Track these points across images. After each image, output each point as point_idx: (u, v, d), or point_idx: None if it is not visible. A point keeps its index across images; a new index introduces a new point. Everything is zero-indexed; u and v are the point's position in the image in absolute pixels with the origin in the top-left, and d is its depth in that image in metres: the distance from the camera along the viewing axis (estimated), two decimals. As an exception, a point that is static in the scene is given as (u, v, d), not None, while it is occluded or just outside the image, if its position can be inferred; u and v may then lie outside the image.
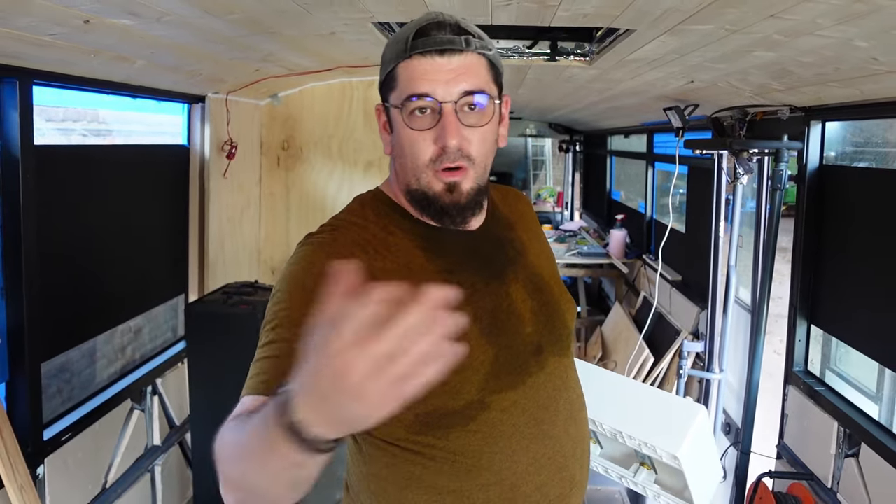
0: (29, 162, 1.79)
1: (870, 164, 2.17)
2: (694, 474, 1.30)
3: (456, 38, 0.91)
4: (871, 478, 1.75)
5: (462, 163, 0.93)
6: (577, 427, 1.04)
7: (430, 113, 0.92)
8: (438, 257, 0.98)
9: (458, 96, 0.91)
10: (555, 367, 1.02)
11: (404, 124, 0.93)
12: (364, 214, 1.00)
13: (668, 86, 2.34)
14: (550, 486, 0.98)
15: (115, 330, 2.45)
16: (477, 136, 0.93)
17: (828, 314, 2.10)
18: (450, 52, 0.91)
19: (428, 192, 0.95)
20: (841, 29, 1.21)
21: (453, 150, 0.91)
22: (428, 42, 0.90)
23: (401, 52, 0.92)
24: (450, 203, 0.95)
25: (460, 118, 0.92)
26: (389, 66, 0.94)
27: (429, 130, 0.92)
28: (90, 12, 1.39)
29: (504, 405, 0.95)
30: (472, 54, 0.92)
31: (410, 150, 0.94)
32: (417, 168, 0.94)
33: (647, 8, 1.31)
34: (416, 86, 0.91)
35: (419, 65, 0.91)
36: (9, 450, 1.65)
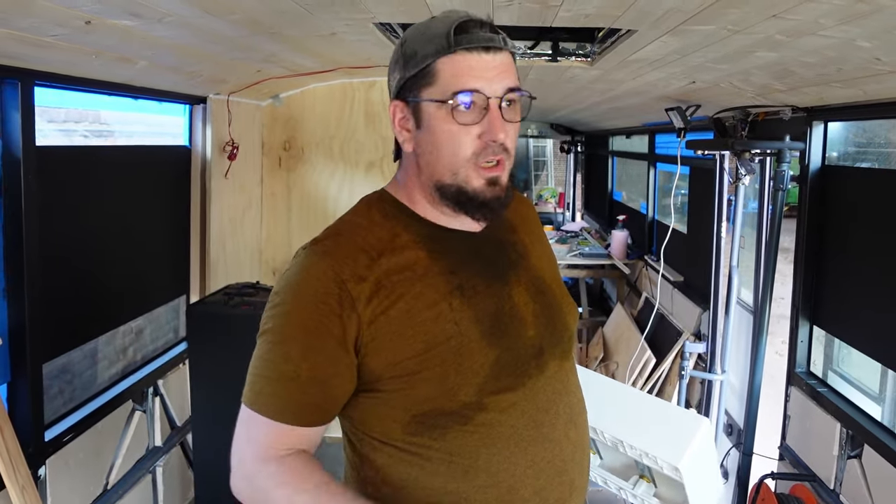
0: (30, 163, 1.79)
1: (872, 165, 2.16)
2: (694, 487, 1.28)
3: (495, 36, 0.93)
4: (874, 479, 1.74)
5: (502, 156, 0.95)
6: (577, 431, 1.04)
7: (474, 108, 0.92)
8: (442, 258, 0.98)
9: (503, 92, 0.92)
10: (556, 370, 1.02)
11: (447, 118, 0.93)
12: (370, 216, 1.00)
13: (669, 86, 2.33)
14: (549, 490, 0.97)
15: (117, 331, 2.45)
16: (513, 130, 0.96)
17: (830, 315, 2.10)
18: (494, 50, 0.92)
19: (466, 186, 0.95)
20: (843, 29, 1.21)
21: (499, 144, 0.93)
22: (473, 38, 0.91)
23: (442, 47, 0.92)
24: (492, 197, 0.96)
25: (503, 113, 0.93)
26: (426, 60, 0.93)
27: (470, 126, 0.93)
28: (91, 13, 1.39)
29: (502, 406, 0.95)
30: (507, 53, 0.95)
31: (450, 145, 0.94)
32: (456, 163, 0.94)
33: (649, 8, 1.31)
34: (465, 81, 0.91)
35: (465, 60, 0.91)
36: (10, 450, 1.65)
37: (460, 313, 0.94)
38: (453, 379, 0.92)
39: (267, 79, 2.70)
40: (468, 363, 0.92)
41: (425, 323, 0.92)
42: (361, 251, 0.95)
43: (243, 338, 2.46)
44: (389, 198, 1.03)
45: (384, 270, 0.94)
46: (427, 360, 0.91)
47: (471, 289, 0.97)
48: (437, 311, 0.93)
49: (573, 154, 7.61)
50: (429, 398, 0.92)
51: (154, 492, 2.56)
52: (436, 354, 0.91)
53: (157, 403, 2.57)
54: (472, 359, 0.93)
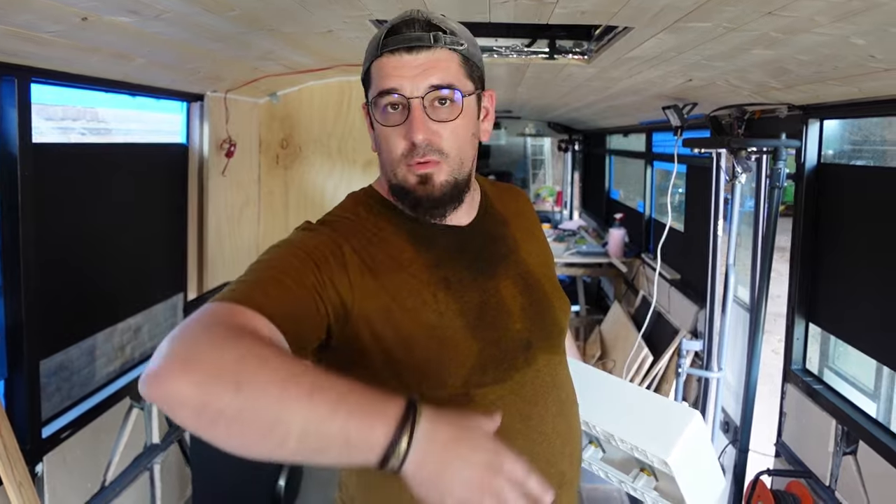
0: (27, 160, 1.79)
1: (867, 163, 2.17)
2: (687, 481, 1.26)
3: (424, 34, 0.93)
4: (869, 476, 1.75)
5: (433, 157, 0.94)
6: (566, 424, 1.04)
7: (400, 109, 0.93)
8: (427, 251, 0.98)
9: (424, 91, 0.92)
10: (544, 364, 1.03)
11: (378, 121, 0.95)
12: (356, 211, 1.01)
13: (666, 84, 2.34)
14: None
15: (115, 328, 2.45)
16: (447, 130, 0.94)
17: (826, 312, 2.11)
18: (417, 49, 0.92)
19: (404, 184, 0.96)
20: (838, 26, 1.21)
21: (421, 144, 0.93)
22: (397, 40, 0.92)
23: (373, 50, 0.95)
24: (423, 195, 0.96)
25: (429, 113, 0.93)
26: (365, 65, 0.97)
27: (400, 126, 0.93)
28: (88, 10, 1.39)
29: (490, 399, 0.95)
30: (441, 50, 0.94)
31: (385, 146, 0.96)
32: (392, 162, 0.96)
33: (645, 5, 1.31)
34: (384, 82, 0.93)
35: (388, 62, 0.93)
36: (7, 447, 1.65)
37: (444, 305, 0.95)
38: (436, 370, 0.92)
39: (264, 76, 2.70)
40: (451, 354, 0.93)
41: (409, 311, 0.93)
42: (352, 235, 0.96)
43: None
44: (375, 194, 1.04)
45: (372, 256, 0.95)
46: (410, 348, 0.92)
47: (457, 282, 0.98)
48: (421, 300, 0.94)
49: (571, 153, 7.62)
50: (415, 387, 0.92)
51: (151, 489, 2.56)
52: (418, 343, 0.92)
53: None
54: (456, 350, 0.93)
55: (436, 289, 0.96)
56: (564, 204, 8.04)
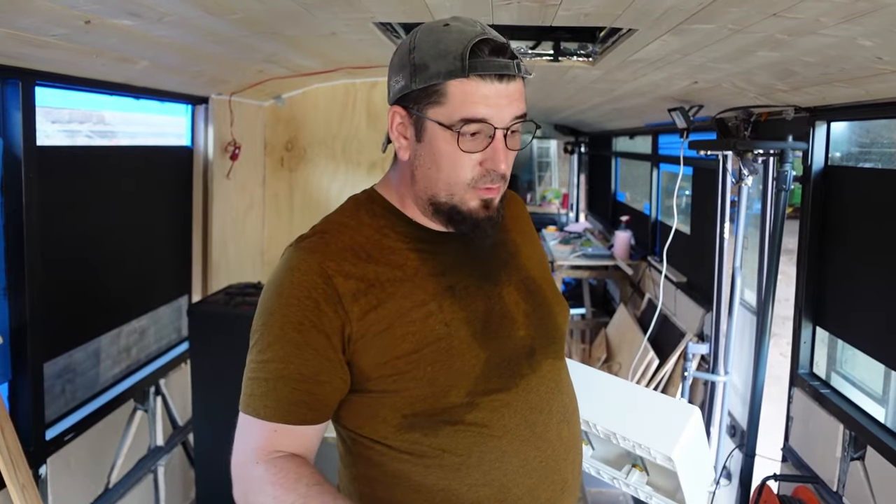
0: (32, 162, 1.79)
1: (875, 165, 2.14)
2: (687, 476, 1.30)
3: (511, 63, 0.90)
4: (877, 481, 1.73)
5: (500, 184, 0.95)
6: (570, 430, 1.04)
7: (479, 136, 0.91)
8: (432, 259, 0.98)
9: (510, 123, 0.92)
10: (548, 369, 1.02)
11: (451, 142, 0.91)
12: (358, 216, 1.00)
13: (672, 86, 2.33)
14: (541, 490, 0.97)
15: (120, 330, 2.46)
16: (512, 157, 0.96)
17: (833, 316, 2.09)
18: (508, 78, 0.90)
19: (461, 207, 0.95)
20: (844, 28, 1.20)
21: (500, 174, 0.93)
22: (488, 65, 0.88)
23: (456, 69, 0.88)
24: (485, 218, 0.96)
25: (507, 142, 0.93)
26: (437, 79, 0.89)
27: (476, 153, 0.92)
28: (91, 13, 1.39)
29: (494, 406, 0.95)
30: (520, 80, 0.93)
31: (450, 167, 0.93)
32: (454, 185, 0.94)
33: (649, 7, 1.30)
34: (476, 109, 0.89)
35: (477, 89, 0.89)
36: (11, 449, 1.65)
37: (451, 314, 0.94)
38: (443, 380, 0.91)
39: (269, 79, 2.70)
40: (458, 364, 0.92)
41: (415, 323, 0.92)
42: (349, 250, 0.94)
43: (244, 338, 2.47)
44: (379, 198, 1.02)
45: (373, 269, 0.93)
46: (417, 360, 0.91)
47: (462, 290, 0.97)
48: (427, 311, 0.93)
49: (577, 155, 7.60)
50: (419, 399, 0.91)
51: (155, 491, 2.56)
52: (426, 355, 0.91)
53: (158, 403, 2.57)
54: (463, 360, 0.93)
55: (441, 298, 0.95)
56: (570, 206, 8.04)
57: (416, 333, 0.92)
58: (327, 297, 0.90)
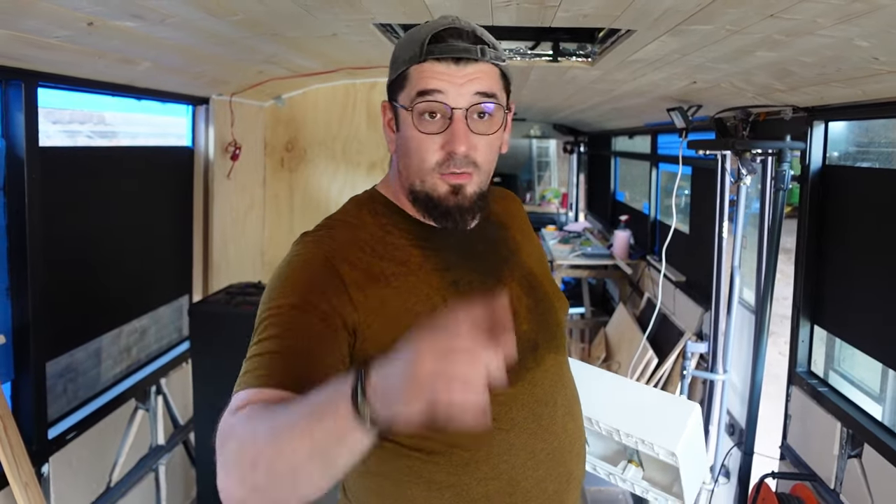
0: (34, 163, 1.81)
1: (873, 165, 2.16)
2: (687, 470, 1.33)
3: (472, 46, 0.91)
4: (874, 479, 1.74)
5: (468, 169, 0.94)
6: (574, 422, 1.05)
7: (440, 118, 0.92)
8: (435, 255, 0.99)
9: (469, 102, 0.91)
10: (551, 363, 1.04)
11: (413, 126, 0.93)
12: (360, 215, 1.01)
13: (670, 86, 2.34)
14: (549, 482, 0.99)
15: (121, 330, 2.47)
16: (484, 142, 0.94)
17: (831, 315, 2.10)
18: (465, 61, 0.91)
19: (432, 193, 0.95)
20: (841, 28, 1.21)
21: (461, 156, 0.92)
22: (444, 48, 0.90)
23: (415, 55, 0.92)
24: (454, 206, 0.95)
25: (470, 125, 0.92)
26: (402, 67, 0.94)
27: (438, 135, 0.92)
28: (94, 15, 1.41)
29: (501, 400, 0.95)
30: (486, 64, 0.93)
31: (417, 153, 0.94)
32: (423, 170, 0.94)
33: (647, 8, 1.31)
34: (426, 83, 0.91)
35: (432, 67, 0.91)
36: (13, 448, 1.66)
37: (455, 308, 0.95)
38: None
39: (269, 80, 2.71)
40: None
41: (419, 316, 0.93)
42: (354, 244, 0.95)
43: (245, 337, 2.49)
44: (380, 197, 1.04)
45: (377, 263, 0.94)
46: None
47: (466, 285, 0.98)
48: (432, 305, 0.94)
49: (576, 154, 7.62)
50: None
51: (157, 490, 2.57)
52: None
53: (159, 402, 2.58)
54: None
55: (446, 293, 0.96)
56: (570, 206, 8.04)
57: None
58: (333, 286, 0.90)
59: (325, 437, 0.67)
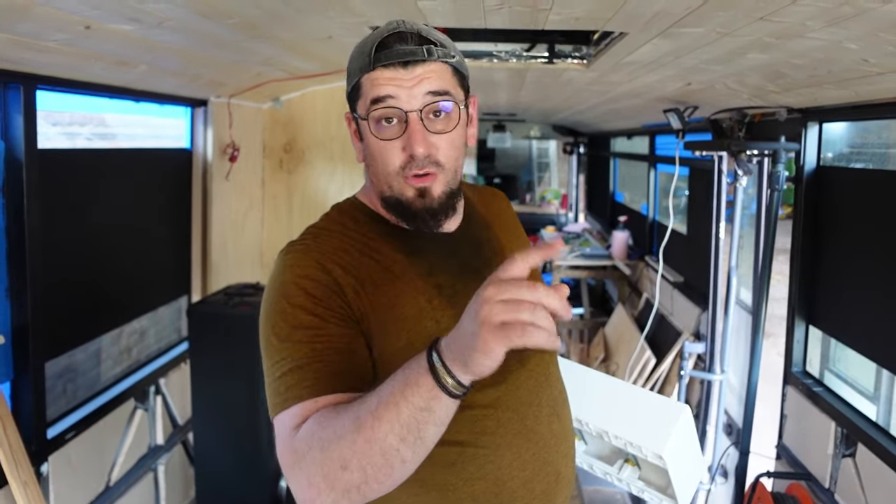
0: (33, 165, 1.82)
1: (867, 165, 2.16)
2: (678, 472, 1.33)
3: (418, 48, 0.92)
4: (868, 478, 1.75)
5: (431, 169, 0.94)
6: (560, 423, 1.06)
7: (396, 122, 0.93)
8: (419, 260, 0.99)
9: (422, 103, 0.92)
10: (536, 363, 1.04)
11: (371, 133, 0.94)
12: (342, 222, 1.02)
13: (666, 88, 2.35)
14: (536, 482, 0.99)
15: (120, 331, 2.49)
16: (444, 141, 0.95)
17: (826, 314, 2.11)
18: (412, 64, 0.92)
19: (400, 198, 0.96)
20: (830, 31, 1.22)
21: (421, 157, 0.92)
22: (390, 55, 0.91)
23: (365, 64, 0.93)
24: (422, 208, 0.96)
25: (426, 125, 0.93)
26: (354, 78, 0.95)
27: (397, 140, 0.93)
28: (91, 18, 1.42)
29: (486, 401, 0.96)
30: (435, 63, 0.93)
31: (381, 159, 0.95)
32: (388, 175, 0.95)
33: (638, 11, 1.32)
34: (378, 90, 0.92)
35: (381, 74, 0.92)
36: (13, 447, 1.68)
37: (440, 311, 0.96)
38: None
39: (267, 82, 2.72)
40: None
41: (407, 320, 0.94)
42: (340, 250, 0.96)
43: (243, 338, 2.52)
44: (360, 205, 1.05)
45: (365, 269, 0.95)
46: (410, 356, 0.93)
47: (450, 288, 0.99)
48: (419, 309, 0.95)
49: (576, 155, 7.62)
50: None
51: (156, 490, 2.58)
52: (417, 350, 0.93)
53: (158, 402, 2.60)
54: None
55: (431, 297, 0.97)
56: (570, 206, 8.04)
57: (409, 331, 0.93)
58: (331, 287, 0.91)
59: (414, 413, 0.73)
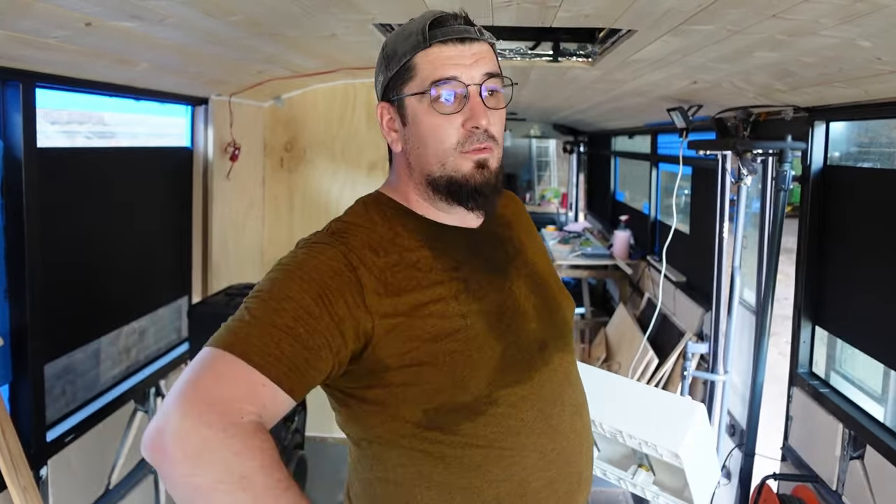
0: (32, 164, 1.80)
1: (874, 165, 2.15)
2: (694, 472, 1.31)
3: (470, 27, 0.96)
4: (876, 480, 1.74)
5: (489, 143, 0.96)
6: (582, 422, 1.05)
7: (454, 99, 0.94)
8: (444, 255, 0.98)
9: (481, 79, 0.95)
10: (559, 362, 1.03)
11: (429, 110, 0.95)
12: (369, 217, 1.00)
13: (671, 86, 2.33)
14: (559, 482, 0.98)
15: (120, 331, 2.46)
16: (496, 117, 0.97)
17: (832, 315, 2.09)
18: (469, 41, 0.95)
19: (456, 174, 0.96)
20: (843, 29, 1.20)
21: (482, 131, 0.95)
22: (447, 31, 0.94)
23: (418, 42, 0.94)
24: (482, 182, 0.97)
25: (484, 101, 0.95)
26: (405, 57, 0.95)
27: (455, 115, 0.95)
28: (91, 15, 1.40)
29: (512, 400, 0.95)
30: (484, 43, 0.97)
31: (435, 136, 0.95)
32: (444, 153, 0.96)
33: (648, 9, 1.30)
34: (442, 70, 0.94)
35: (440, 52, 0.94)
36: (11, 451, 1.66)
37: (467, 307, 0.95)
38: (462, 370, 0.91)
39: (268, 80, 2.70)
40: (477, 356, 0.93)
41: (433, 316, 0.92)
42: (367, 247, 0.94)
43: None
44: (386, 199, 1.03)
45: (391, 267, 0.93)
46: (436, 351, 0.91)
47: (475, 283, 0.98)
48: (445, 304, 0.94)
49: (576, 154, 7.61)
50: (439, 390, 0.91)
51: (156, 493, 2.56)
52: (445, 345, 0.91)
53: (159, 404, 2.57)
54: (481, 352, 0.93)
55: (457, 292, 0.95)
56: (570, 205, 8.04)
57: (435, 325, 0.92)
58: (351, 287, 0.88)
59: None
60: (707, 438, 1.40)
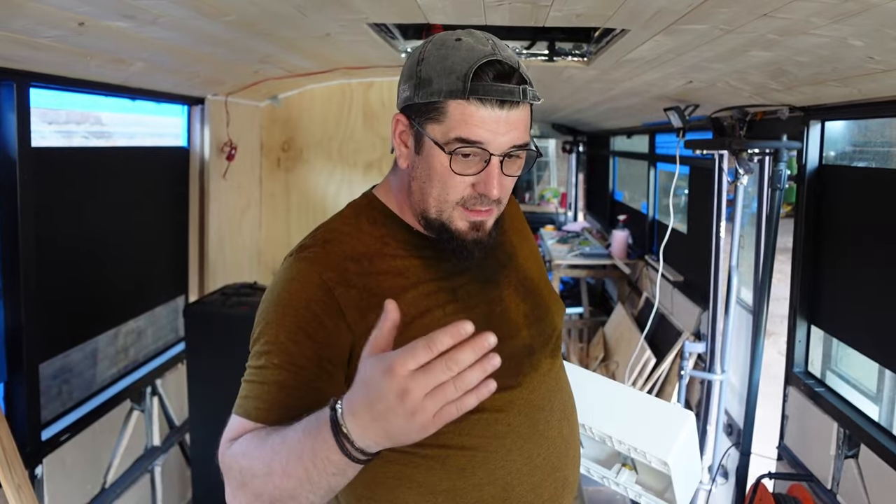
0: (26, 164, 1.80)
1: (869, 164, 2.15)
2: (680, 478, 1.32)
3: (516, 88, 0.88)
4: (871, 479, 1.74)
5: (492, 206, 0.94)
6: (570, 427, 1.05)
7: (473, 158, 0.90)
8: (434, 266, 0.98)
9: (506, 149, 0.90)
10: (547, 368, 1.03)
11: (445, 164, 0.90)
12: (358, 223, 0.99)
13: (667, 86, 2.33)
14: (544, 487, 0.98)
15: (117, 331, 2.47)
16: (510, 182, 0.94)
17: (828, 314, 2.09)
18: (509, 105, 0.88)
19: (449, 226, 0.94)
20: (835, 28, 1.20)
21: (491, 198, 0.92)
22: (489, 90, 0.87)
23: (457, 89, 0.87)
24: (472, 241, 0.95)
25: (503, 169, 0.91)
26: (437, 97, 0.89)
27: (468, 175, 0.91)
28: (84, 15, 1.40)
29: (498, 405, 0.95)
30: (525, 107, 0.91)
31: (442, 185, 0.92)
32: (445, 202, 0.93)
33: (639, 8, 1.30)
34: (471, 131, 0.88)
35: (476, 112, 0.88)
36: (6, 449, 1.66)
37: (454, 318, 0.93)
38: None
39: (265, 80, 2.70)
40: None
41: (417, 329, 0.91)
42: (349, 259, 0.94)
43: (240, 338, 2.46)
44: (379, 204, 1.02)
45: (374, 279, 0.93)
46: None
47: (464, 293, 0.98)
48: (431, 317, 0.93)
49: (575, 154, 7.61)
50: None
51: (152, 492, 2.56)
52: None
53: (155, 403, 2.58)
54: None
55: (444, 302, 0.95)
56: (569, 205, 8.04)
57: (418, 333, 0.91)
58: (327, 310, 0.90)
59: (325, 477, 0.75)
60: (693, 445, 1.42)
